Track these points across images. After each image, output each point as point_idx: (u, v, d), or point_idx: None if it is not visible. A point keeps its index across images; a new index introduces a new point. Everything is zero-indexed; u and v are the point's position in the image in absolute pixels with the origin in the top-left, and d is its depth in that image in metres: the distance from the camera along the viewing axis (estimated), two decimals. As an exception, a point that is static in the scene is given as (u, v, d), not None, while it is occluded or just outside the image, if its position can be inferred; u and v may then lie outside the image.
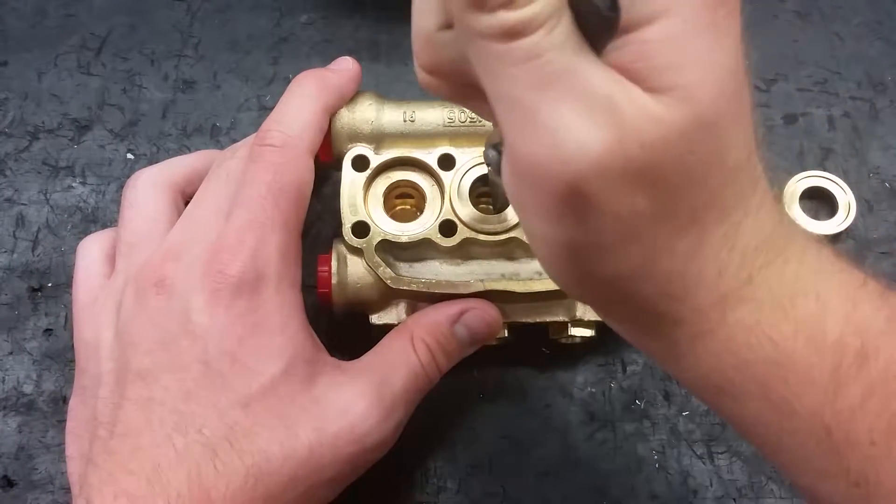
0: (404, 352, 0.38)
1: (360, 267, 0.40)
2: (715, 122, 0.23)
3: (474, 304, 0.39)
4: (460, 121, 0.41)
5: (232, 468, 0.32)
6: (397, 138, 0.41)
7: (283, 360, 0.35)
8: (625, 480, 0.42)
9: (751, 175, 0.26)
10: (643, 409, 0.44)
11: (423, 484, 0.42)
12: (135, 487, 0.31)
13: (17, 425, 0.42)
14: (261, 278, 0.35)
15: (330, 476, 0.35)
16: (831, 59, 0.53)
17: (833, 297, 0.26)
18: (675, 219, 0.25)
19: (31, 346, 0.44)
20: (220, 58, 0.52)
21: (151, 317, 0.35)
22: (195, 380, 0.34)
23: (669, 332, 0.27)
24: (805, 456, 0.27)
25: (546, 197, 0.24)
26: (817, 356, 0.26)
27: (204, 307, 0.34)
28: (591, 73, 0.22)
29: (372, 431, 0.35)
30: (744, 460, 0.42)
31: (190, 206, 0.39)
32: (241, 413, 0.33)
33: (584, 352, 0.44)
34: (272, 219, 0.36)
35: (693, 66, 0.23)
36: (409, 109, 0.41)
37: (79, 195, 0.48)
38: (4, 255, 0.46)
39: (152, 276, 0.36)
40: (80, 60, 0.52)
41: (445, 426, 0.43)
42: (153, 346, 0.35)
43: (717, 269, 0.26)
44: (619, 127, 0.22)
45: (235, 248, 0.35)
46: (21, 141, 0.49)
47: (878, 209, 0.48)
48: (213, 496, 0.32)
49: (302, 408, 0.34)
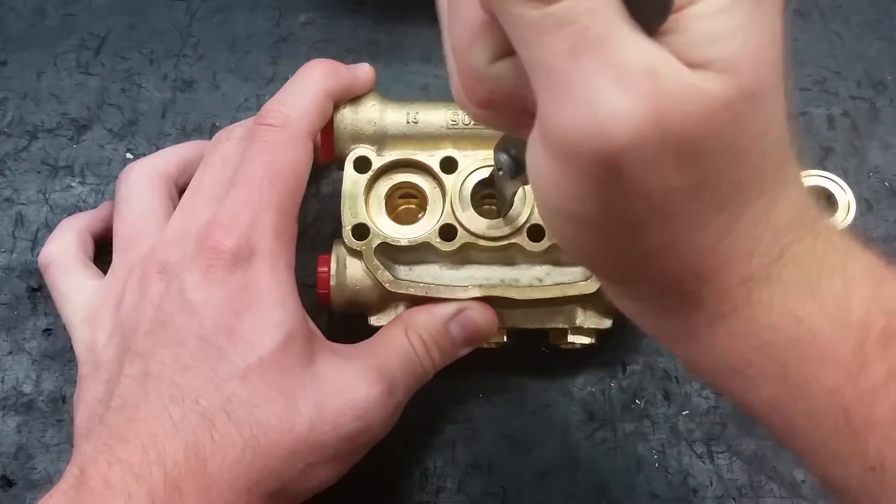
0: (399, 341, 0.38)
1: (360, 269, 0.40)
2: (757, 93, 0.23)
3: (471, 305, 0.39)
4: (464, 123, 0.41)
5: (229, 439, 0.32)
6: (400, 139, 0.41)
7: (281, 333, 0.34)
8: (625, 480, 0.42)
9: (787, 146, 0.25)
10: (643, 408, 0.44)
11: (423, 484, 0.42)
12: (130, 456, 0.31)
13: (17, 425, 0.42)
14: (255, 254, 0.35)
15: (330, 454, 0.34)
16: (831, 58, 0.53)
17: (859, 276, 0.26)
18: (714, 194, 0.24)
19: (30, 346, 0.44)
20: (219, 57, 0.52)
21: (151, 301, 0.35)
22: (192, 353, 0.33)
23: (689, 312, 0.26)
24: (821, 439, 0.26)
25: (577, 171, 0.23)
26: (841, 335, 0.25)
27: (199, 283, 0.34)
28: (630, 43, 0.21)
29: (374, 408, 0.35)
30: (744, 460, 0.42)
31: (187, 194, 0.39)
32: (238, 385, 0.33)
33: (584, 352, 0.44)
34: (267, 199, 0.36)
35: (734, 38, 0.22)
36: (413, 111, 0.41)
37: (78, 195, 0.48)
38: (4, 255, 0.46)
39: (153, 265, 0.36)
40: (79, 60, 0.52)
41: (445, 426, 0.43)
42: (152, 326, 0.35)
43: (751, 245, 0.25)
44: (658, 99, 0.21)
45: (229, 226, 0.35)
46: (20, 140, 0.49)
47: (878, 208, 0.48)
48: (209, 467, 0.31)
49: (302, 383, 0.34)
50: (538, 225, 0.40)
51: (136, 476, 0.30)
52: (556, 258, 0.40)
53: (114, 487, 0.30)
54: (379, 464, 0.37)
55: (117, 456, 0.31)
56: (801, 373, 0.26)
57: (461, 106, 0.27)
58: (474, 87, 0.26)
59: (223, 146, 0.39)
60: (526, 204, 0.40)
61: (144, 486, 0.30)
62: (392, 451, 0.37)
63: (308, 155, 0.38)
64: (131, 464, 0.31)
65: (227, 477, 0.31)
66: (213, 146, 0.40)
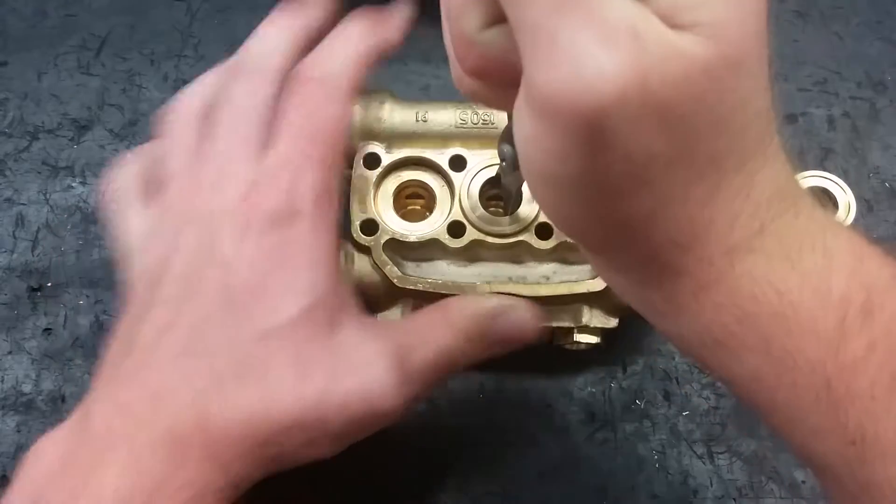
0: (439, 328, 0.36)
1: (367, 264, 0.40)
2: (740, 63, 0.23)
3: (519, 302, 0.38)
4: (472, 122, 0.41)
5: (237, 400, 0.31)
6: (409, 138, 0.41)
7: (306, 299, 0.33)
8: (625, 480, 0.42)
9: (768, 122, 0.25)
10: (643, 408, 0.44)
11: (423, 483, 0.42)
12: (136, 403, 0.31)
13: (16, 424, 0.42)
14: (295, 215, 0.34)
15: (334, 431, 0.33)
16: (831, 59, 0.53)
17: (840, 252, 0.26)
18: (693, 163, 0.24)
19: (30, 346, 0.44)
20: (219, 58, 0.51)
21: (182, 250, 0.34)
22: (215, 309, 0.33)
23: (672, 282, 0.26)
24: (801, 413, 0.26)
25: (560, 129, 0.23)
26: (822, 309, 0.25)
27: (233, 239, 0.34)
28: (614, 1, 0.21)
29: (383, 395, 0.34)
30: (744, 460, 0.42)
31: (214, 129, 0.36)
32: (255, 346, 0.32)
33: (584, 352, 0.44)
34: (308, 155, 0.35)
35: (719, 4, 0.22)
36: (422, 110, 0.42)
37: (78, 195, 0.48)
38: (4, 255, 0.46)
39: (187, 210, 0.35)
40: (79, 60, 0.52)
41: (445, 426, 0.43)
42: (181, 276, 0.34)
43: (730, 218, 0.25)
44: (641, 58, 0.21)
45: (270, 183, 0.34)
46: (21, 141, 0.49)
47: (878, 209, 0.48)
48: (213, 424, 0.31)
49: (318, 354, 0.33)
50: (546, 223, 0.40)
51: (140, 424, 0.30)
52: (563, 256, 0.40)
53: (117, 433, 0.30)
54: (379, 463, 0.37)
55: (123, 402, 0.31)
56: (784, 345, 0.26)
57: (456, 79, 0.27)
58: (466, 53, 0.26)
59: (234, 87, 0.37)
60: (533, 201, 0.40)
61: (147, 435, 0.30)
62: (392, 450, 0.37)
63: (349, 112, 0.37)
64: (136, 411, 0.30)
65: (230, 436, 0.31)
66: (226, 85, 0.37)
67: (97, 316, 0.45)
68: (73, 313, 0.45)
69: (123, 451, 0.30)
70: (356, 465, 0.36)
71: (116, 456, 0.30)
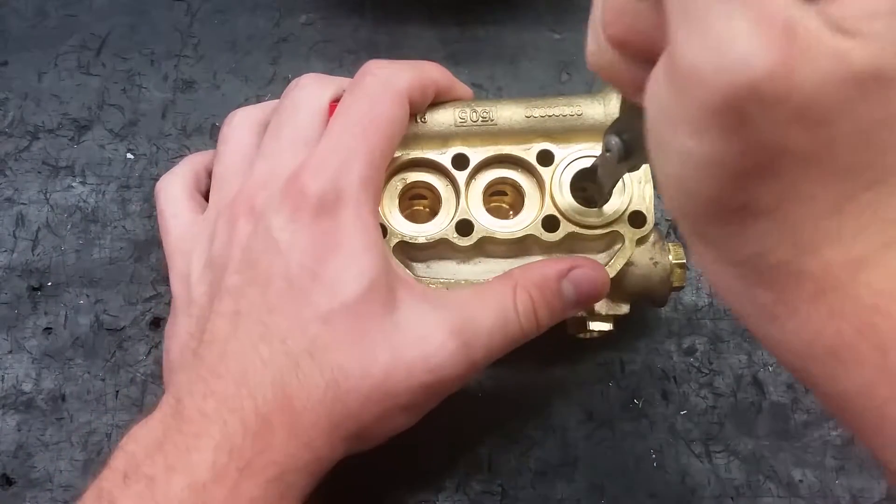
0: (503, 297, 0.37)
1: None
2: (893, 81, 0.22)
3: (582, 262, 0.39)
4: (472, 120, 0.41)
5: (312, 380, 0.33)
6: (410, 140, 0.41)
7: (364, 280, 0.35)
8: (623, 479, 0.42)
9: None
10: (641, 408, 0.44)
11: (423, 483, 0.42)
12: (223, 388, 0.32)
13: (16, 423, 0.43)
14: (341, 200, 0.36)
15: (404, 403, 0.35)
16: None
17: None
18: (827, 167, 0.24)
19: (30, 345, 0.44)
20: (219, 58, 0.52)
21: (240, 241, 0.36)
22: (278, 294, 0.34)
23: (787, 283, 0.26)
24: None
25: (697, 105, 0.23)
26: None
27: (285, 225, 0.35)
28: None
29: (445, 364, 0.35)
30: (742, 459, 0.43)
31: (266, 139, 0.39)
32: (321, 327, 0.34)
33: (583, 351, 0.44)
34: (357, 148, 0.36)
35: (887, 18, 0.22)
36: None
37: (79, 195, 0.48)
38: (4, 255, 0.46)
39: (242, 205, 0.37)
40: (80, 60, 0.52)
41: (446, 426, 0.43)
42: (241, 265, 0.36)
43: (856, 230, 0.25)
44: (791, 51, 0.21)
45: (317, 170, 0.36)
46: (21, 141, 0.49)
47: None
48: (295, 405, 0.33)
49: (380, 330, 0.35)
50: (553, 216, 0.40)
51: (230, 408, 0.32)
52: (571, 247, 0.41)
53: (209, 417, 0.32)
54: (378, 463, 0.37)
55: (211, 388, 0.33)
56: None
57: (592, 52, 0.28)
58: (616, 18, 0.27)
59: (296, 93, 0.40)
60: (545, 197, 0.40)
61: (237, 417, 0.32)
62: (391, 450, 0.37)
63: (405, 114, 0.38)
64: (225, 396, 0.32)
65: (311, 416, 0.33)
66: (287, 94, 0.41)
67: (97, 315, 0.45)
68: (74, 313, 0.45)
69: (216, 432, 0.31)
70: (355, 464, 0.36)
71: (210, 436, 0.31)
